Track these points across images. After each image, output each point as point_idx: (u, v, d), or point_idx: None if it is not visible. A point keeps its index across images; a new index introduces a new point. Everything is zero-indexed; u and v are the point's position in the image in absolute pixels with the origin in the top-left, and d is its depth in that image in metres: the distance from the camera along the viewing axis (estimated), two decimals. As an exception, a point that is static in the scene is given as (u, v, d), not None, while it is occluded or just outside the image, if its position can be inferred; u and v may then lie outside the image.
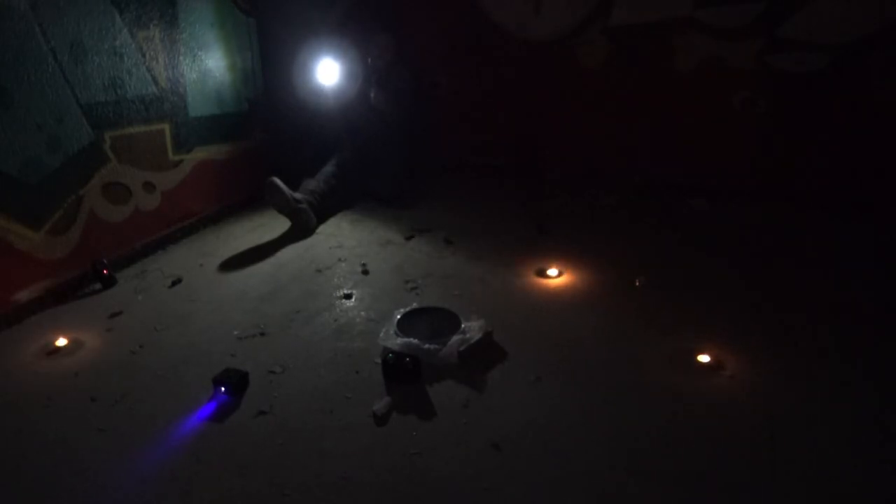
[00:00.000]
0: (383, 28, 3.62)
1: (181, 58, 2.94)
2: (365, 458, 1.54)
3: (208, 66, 3.13)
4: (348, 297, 2.40)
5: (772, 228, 2.91)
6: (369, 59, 3.54)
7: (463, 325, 2.01)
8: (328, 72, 3.43)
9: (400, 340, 1.92)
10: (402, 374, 1.82)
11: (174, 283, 2.57)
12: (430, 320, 2.08)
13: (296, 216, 3.02)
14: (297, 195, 3.07)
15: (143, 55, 2.72)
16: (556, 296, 2.36)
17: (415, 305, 2.20)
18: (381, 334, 1.98)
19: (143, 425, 1.70)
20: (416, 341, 1.91)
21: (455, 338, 1.92)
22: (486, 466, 1.50)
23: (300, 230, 3.06)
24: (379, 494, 1.43)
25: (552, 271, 2.51)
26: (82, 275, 2.54)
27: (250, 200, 3.51)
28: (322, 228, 3.15)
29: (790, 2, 2.82)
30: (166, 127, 2.91)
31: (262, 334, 2.15)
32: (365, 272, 2.61)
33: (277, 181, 2.93)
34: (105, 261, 2.59)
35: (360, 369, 1.92)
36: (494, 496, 1.41)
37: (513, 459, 1.52)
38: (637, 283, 2.39)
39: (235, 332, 2.16)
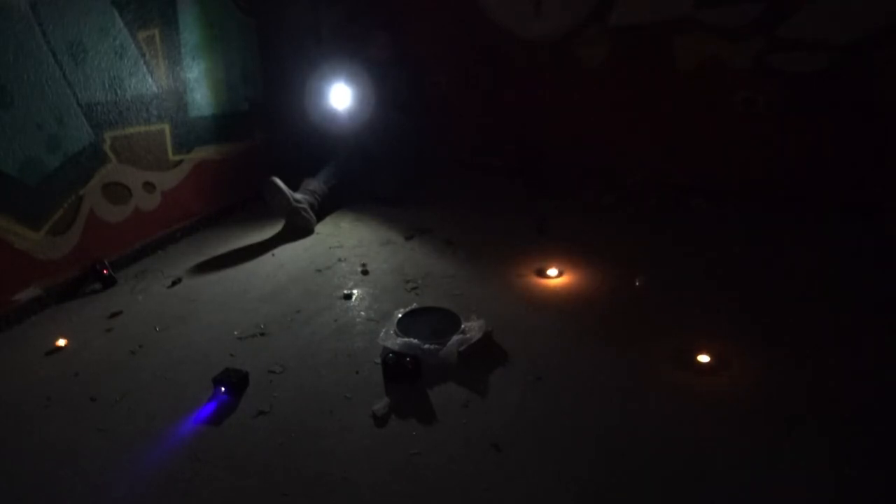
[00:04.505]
0: (382, 27, 3.61)
1: (181, 57, 2.94)
2: (365, 458, 1.55)
3: (208, 65, 3.12)
4: (348, 297, 2.40)
5: (771, 228, 2.91)
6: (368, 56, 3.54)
7: (463, 325, 2.01)
8: (341, 96, 3.45)
9: (400, 340, 1.92)
10: (402, 374, 1.82)
11: (174, 283, 2.57)
12: (429, 320, 2.08)
13: (296, 216, 3.02)
14: (298, 195, 3.06)
15: (143, 55, 2.72)
16: (555, 295, 2.36)
17: (415, 305, 2.20)
18: (381, 334, 1.98)
19: (143, 425, 1.70)
20: (416, 341, 1.91)
21: (455, 338, 1.92)
22: (486, 466, 1.50)
23: (300, 230, 3.05)
24: (379, 494, 1.43)
25: (552, 271, 2.51)
26: (82, 275, 2.54)
27: (250, 200, 3.51)
28: (322, 228, 3.15)
29: (790, 2, 2.82)
30: (166, 127, 2.90)
31: (262, 334, 2.15)
32: (365, 272, 2.60)
33: (277, 181, 2.93)
34: (105, 261, 2.59)
35: (360, 369, 1.92)
36: (494, 496, 1.41)
37: (513, 459, 1.52)
38: (637, 283, 2.39)
39: (235, 332, 2.17)
